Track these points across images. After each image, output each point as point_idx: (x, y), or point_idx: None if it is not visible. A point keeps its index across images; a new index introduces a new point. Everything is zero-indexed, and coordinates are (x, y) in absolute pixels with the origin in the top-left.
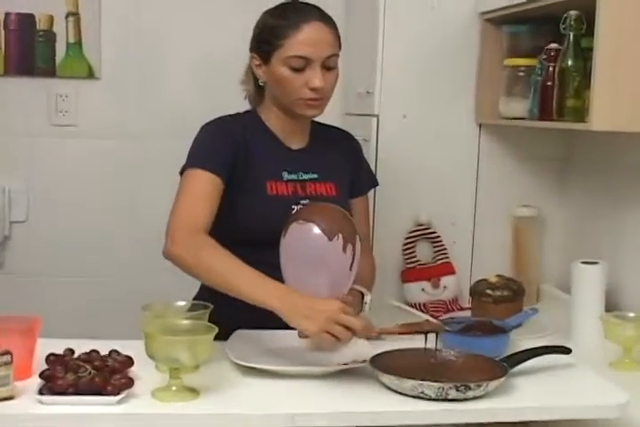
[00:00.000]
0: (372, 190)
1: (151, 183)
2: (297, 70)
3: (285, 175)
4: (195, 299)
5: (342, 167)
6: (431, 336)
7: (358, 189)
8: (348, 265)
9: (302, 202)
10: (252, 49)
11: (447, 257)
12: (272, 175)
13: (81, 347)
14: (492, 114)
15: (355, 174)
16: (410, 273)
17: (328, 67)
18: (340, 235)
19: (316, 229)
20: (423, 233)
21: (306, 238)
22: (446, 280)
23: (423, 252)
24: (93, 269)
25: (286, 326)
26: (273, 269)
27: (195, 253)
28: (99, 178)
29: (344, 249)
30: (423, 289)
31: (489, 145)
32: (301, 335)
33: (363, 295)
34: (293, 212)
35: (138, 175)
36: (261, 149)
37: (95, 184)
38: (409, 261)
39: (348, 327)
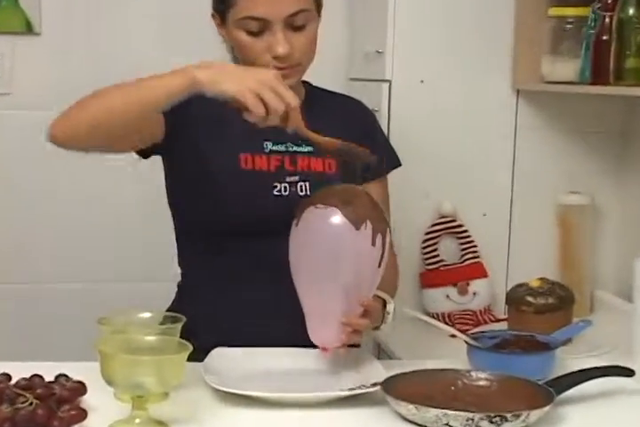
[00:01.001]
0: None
1: (102, 163)
2: (254, 34)
3: (268, 146)
4: (169, 310)
5: (349, 139)
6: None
7: (374, 170)
8: (376, 261)
9: (290, 179)
10: (212, 6)
11: (477, 256)
12: (248, 146)
13: (20, 371)
14: (532, 77)
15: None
16: (431, 276)
17: (296, 26)
18: (369, 223)
19: (339, 216)
20: (447, 227)
21: (325, 227)
22: (476, 285)
23: (447, 250)
24: (33, 272)
25: (278, 343)
26: (264, 264)
27: (69, 109)
28: (37, 157)
29: (373, 241)
30: (448, 296)
31: (529, 116)
32: (321, 347)
33: (385, 303)
34: (277, 190)
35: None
36: (234, 113)
37: (33, 165)
38: (430, 261)
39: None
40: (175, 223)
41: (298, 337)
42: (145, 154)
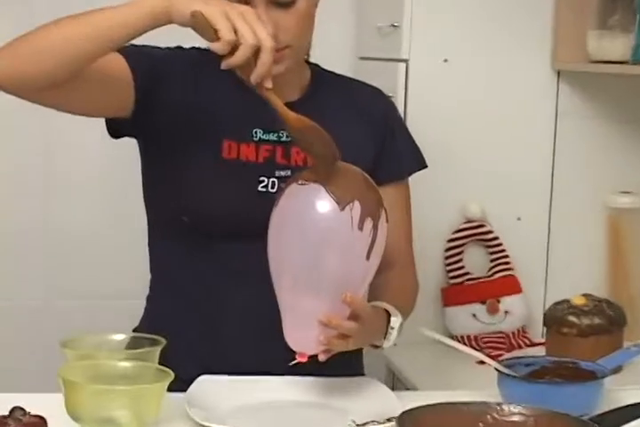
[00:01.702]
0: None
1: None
2: None
3: (258, 134)
4: (136, 330)
5: (360, 134)
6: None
7: (390, 171)
8: (363, 250)
9: (280, 173)
10: None
11: (510, 268)
12: (234, 132)
13: None
14: (576, 56)
15: (384, 149)
16: (455, 292)
17: (281, 2)
18: (357, 203)
19: (321, 193)
20: (474, 233)
21: (302, 206)
22: (509, 302)
23: (474, 260)
24: None
25: (274, 369)
26: (250, 272)
27: (11, 43)
28: None
29: (360, 225)
30: (474, 315)
31: (572, 102)
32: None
33: (389, 316)
34: (263, 185)
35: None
36: (221, 95)
37: None
38: (453, 274)
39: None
40: (148, 221)
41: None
42: (115, 130)
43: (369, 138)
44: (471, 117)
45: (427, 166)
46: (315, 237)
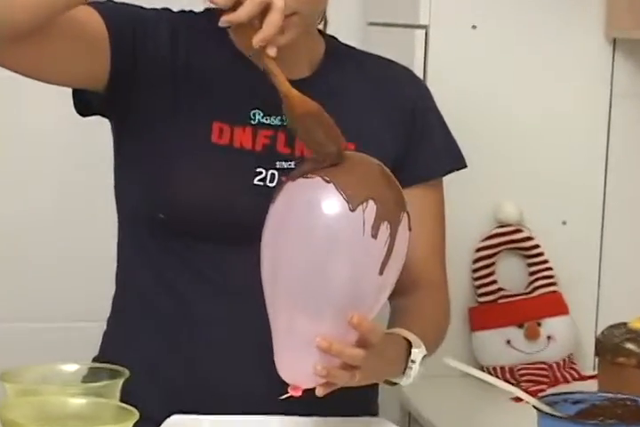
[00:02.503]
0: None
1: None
2: None
3: (257, 116)
4: (96, 360)
5: (383, 124)
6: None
7: (419, 169)
8: (376, 262)
9: (282, 165)
10: None
11: (553, 283)
12: (227, 113)
13: None
14: (635, 22)
15: (412, 142)
16: (485, 312)
17: None
18: (372, 203)
19: (330, 190)
20: (509, 240)
21: (304, 205)
22: (552, 325)
23: (509, 273)
24: None
25: (262, 406)
26: (237, 285)
27: None
28: None
29: (374, 230)
30: (509, 342)
31: (630, 79)
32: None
33: (410, 346)
34: (260, 178)
35: None
36: (214, 67)
37: None
38: (483, 290)
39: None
40: (119, 223)
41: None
42: (85, 105)
43: (394, 128)
44: (505, 98)
45: (465, 166)
46: (318, 243)
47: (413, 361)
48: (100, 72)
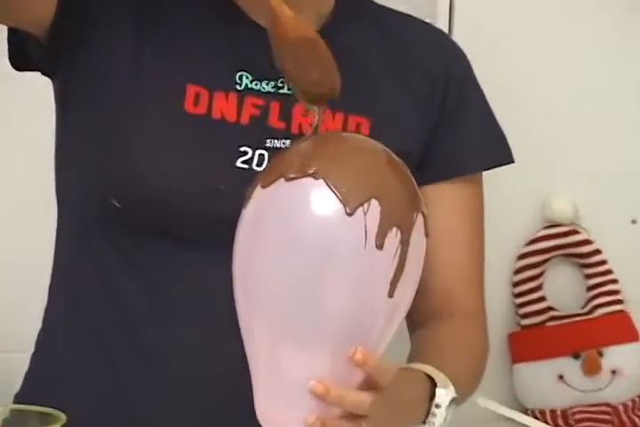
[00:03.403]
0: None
1: None
2: None
3: (244, 80)
4: (19, 398)
5: (406, 100)
6: None
7: (451, 160)
8: (383, 281)
9: (274, 143)
10: None
11: (619, 300)
12: (206, 74)
13: None
14: None
15: (442, 124)
16: (530, 339)
17: None
18: (376, 204)
19: (321, 188)
20: (562, 244)
21: (293, 209)
22: (618, 356)
23: (561, 287)
24: None
25: None
26: (192, 312)
27: None
28: None
29: (379, 239)
30: (561, 377)
31: None
32: None
33: (434, 386)
34: (244, 159)
35: None
36: (192, 15)
37: None
38: (528, 309)
39: None
40: (58, 216)
41: None
42: (22, 56)
43: (420, 104)
44: (555, 68)
45: (512, 160)
46: (306, 260)
47: (438, 406)
48: (43, 10)
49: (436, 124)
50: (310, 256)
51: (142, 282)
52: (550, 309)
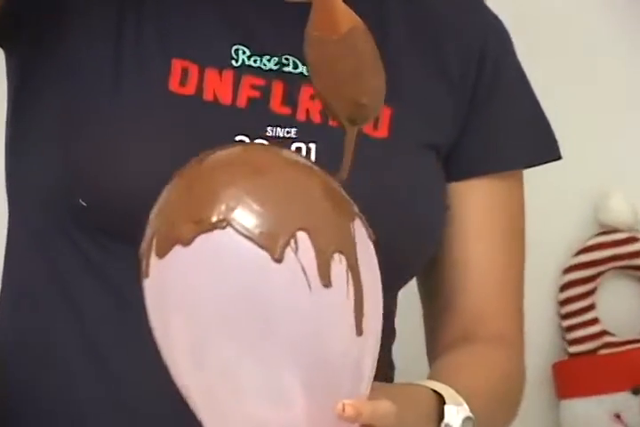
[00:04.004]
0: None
1: None
2: None
3: (240, 55)
4: None
5: (435, 78)
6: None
7: (485, 156)
8: (346, 319)
9: (277, 131)
10: None
11: None
12: (194, 47)
13: None
14: None
15: (477, 110)
16: (580, 370)
17: None
18: (304, 236)
19: (233, 239)
20: (618, 254)
21: (209, 277)
22: None
23: (618, 307)
24: None
25: None
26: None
27: None
28: None
29: (323, 279)
30: (618, 416)
31: None
32: None
33: (443, 402)
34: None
35: None
36: None
37: None
38: (578, 334)
39: None
40: (9, 222)
41: None
42: None
43: (451, 90)
44: (613, 55)
45: (559, 157)
46: (245, 328)
47: (448, 426)
48: None
49: (468, 111)
50: (249, 326)
51: (105, 291)
52: (604, 333)
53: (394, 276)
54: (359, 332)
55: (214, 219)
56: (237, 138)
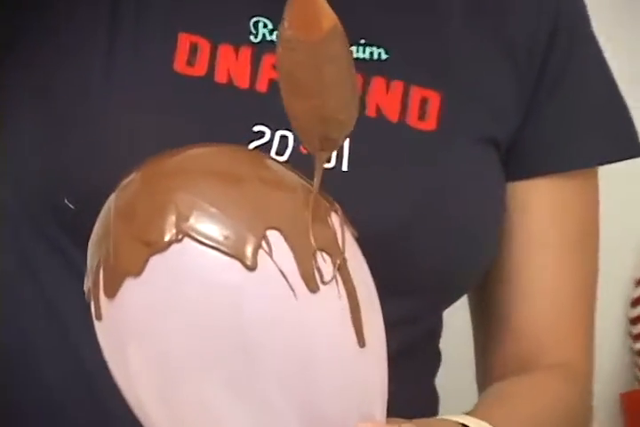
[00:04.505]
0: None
1: None
2: None
3: (261, 30)
4: None
5: (494, 56)
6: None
7: (554, 150)
8: (343, 327)
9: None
10: None
11: None
12: (205, 19)
13: None
14: None
15: (542, 96)
16: None
17: None
18: (276, 235)
19: (195, 252)
20: None
21: (168, 292)
22: None
23: None
24: None
25: None
26: None
27: None
28: None
29: (309, 283)
30: None
31: None
32: None
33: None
34: (262, 140)
35: None
36: None
37: None
38: None
39: None
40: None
41: None
42: None
43: (516, 71)
44: None
45: None
46: (228, 356)
47: None
48: None
49: (534, 96)
50: (228, 356)
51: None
52: None
53: (444, 292)
54: (361, 342)
55: (167, 233)
56: (256, 129)
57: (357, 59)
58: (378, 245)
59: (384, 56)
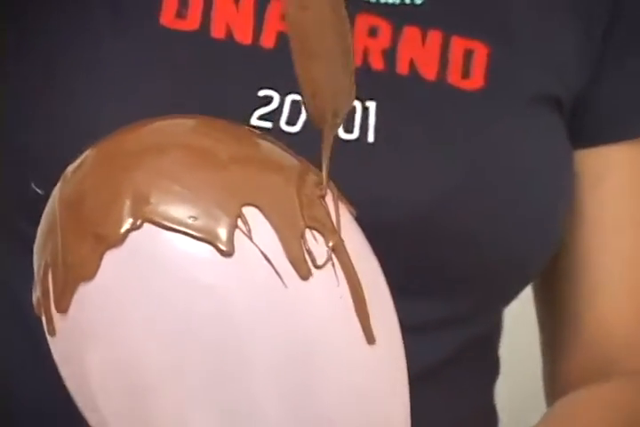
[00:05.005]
0: None
1: None
2: None
3: None
4: None
5: (551, 4)
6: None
7: (619, 113)
8: (343, 320)
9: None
10: None
11: None
12: None
13: None
14: None
15: (609, 52)
16: None
17: None
18: (254, 211)
19: (161, 238)
20: None
21: (129, 294)
22: None
23: None
24: None
25: None
26: None
27: None
28: None
29: (299, 268)
30: None
31: None
32: None
33: None
34: (265, 113)
35: None
36: None
37: None
38: None
39: None
40: None
41: None
42: None
43: (578, 23)
44: None
45: None
46: (217, 359)
47: None
48: None
49: (601, 55)
50: (211, 360)
51: None
52: None
53: (502, 285)
54: (370, 338)
55: (122, 221)
56: (261, 93)
57: (385, 3)
58: (408, 232)
59: (418, 0)
